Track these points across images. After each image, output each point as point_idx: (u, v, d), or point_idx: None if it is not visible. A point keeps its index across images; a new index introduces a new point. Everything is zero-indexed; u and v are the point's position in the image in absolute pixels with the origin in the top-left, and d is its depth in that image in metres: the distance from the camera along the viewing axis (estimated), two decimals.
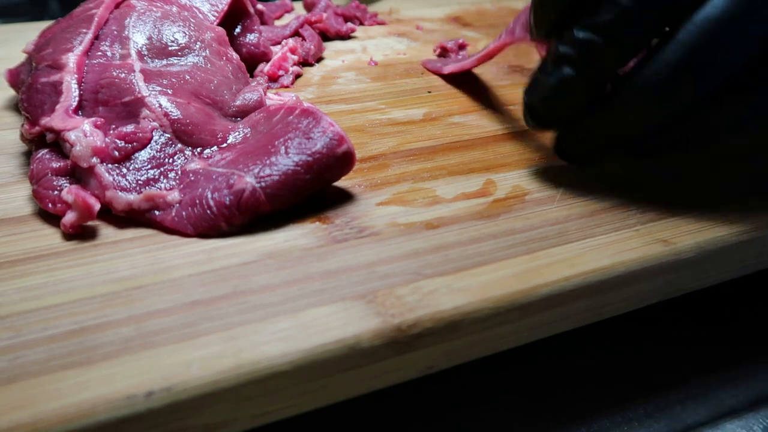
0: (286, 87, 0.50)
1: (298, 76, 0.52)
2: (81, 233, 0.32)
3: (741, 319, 0.40)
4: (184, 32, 0.41)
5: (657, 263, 0.32)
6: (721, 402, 0.35)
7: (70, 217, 0.31)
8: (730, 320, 0.40)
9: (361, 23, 0.66)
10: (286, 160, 0.33)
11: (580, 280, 0.30)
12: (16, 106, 0.46)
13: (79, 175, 0.34)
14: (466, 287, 0.29)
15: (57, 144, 0.35)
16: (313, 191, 0.34)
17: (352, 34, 0.63)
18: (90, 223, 0.32)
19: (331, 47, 0.60)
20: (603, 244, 0.32)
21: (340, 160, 0.34)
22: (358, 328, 0.26)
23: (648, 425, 0.33)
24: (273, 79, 0.50)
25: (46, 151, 0.35)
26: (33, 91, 0.37)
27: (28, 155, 0.39)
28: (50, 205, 0.33)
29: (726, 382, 0.36)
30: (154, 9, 0.42)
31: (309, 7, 0.64)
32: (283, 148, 0.34)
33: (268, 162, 0.33)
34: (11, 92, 0.47)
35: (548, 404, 0.34)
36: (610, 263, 0.31)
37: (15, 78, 0.44)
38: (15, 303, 0.27)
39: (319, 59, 0.57)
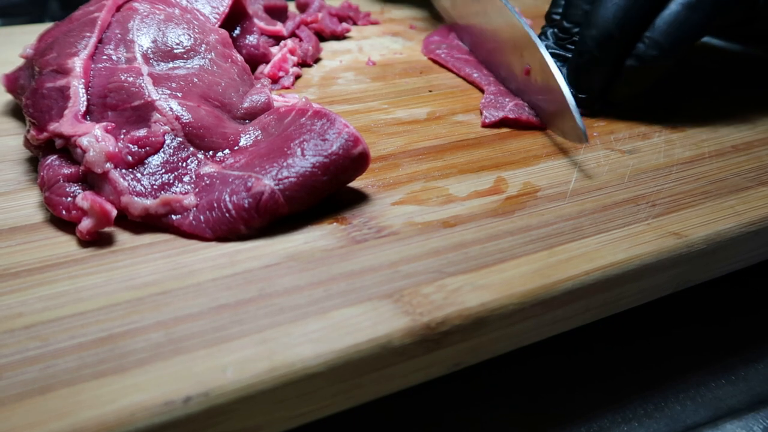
0: (287, 88, 0.50)
1: (297, 77, 0.52)
2: (97, 240, 0.32)
3: (741, 319, 0.41)
4: (189, 35, 0.41)
5: (670, 255, 0.32)
6: (721, 402, 0.36)
7: (86, 224, 0.31)
8: (729, 321, 0.41)
9: (355, 23, 0.66)
10: (303, 161, 0.33)
11: (599, 274, 0.31)
12: (13, 112, 0.45)
13: (92, 181, 0.33)
14: (490, 284, 0.29)
15: (66, 150, 0.35)
16: (330, 192, 0.34)
17: (347, 35, 0.63)
18: (105, 229, 0.32)
19: (327, 48, 0.60)
20: (617, 239, 0.33)
21: (355, 161, 0.34)
22: (388, 327, 0.27)
23: (648, 425, 0.34)
24: (273, 80, 0.50)
25: (55, 157, 0.35)
26: (39, 97, 0.36)
27: (32, 161, 0.39)
28: (64, 212, 0.32)
29: (726, 382, 0.37)
30: (157, 12, 0.41)
31: (302, 8, 0.64)
32: (299, 149, 0.34)
33: (284, 164, 0.33)
34: (7, 98, 0.46)
35: (548, 404, 0.35)
36: (627, 257, 0.32)
37: (13, 83, 0.43)
38: (38, 312, 0.27)
39: (317, 60, 0.56)
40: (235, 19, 0.50)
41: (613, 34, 0.43)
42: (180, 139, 0.35)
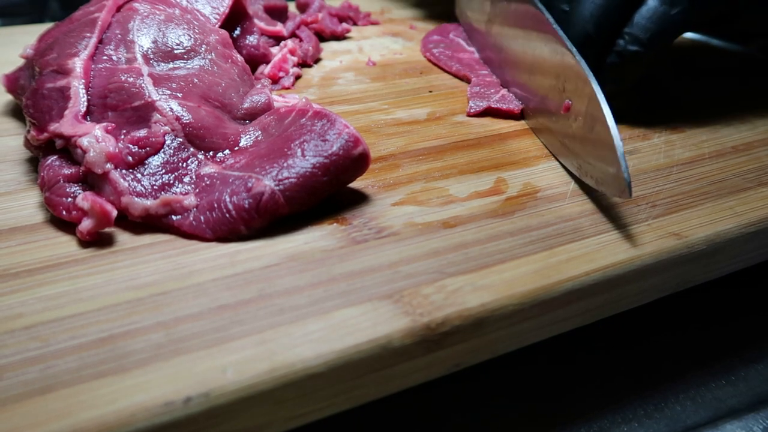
0: (287, 89, 0.50)
1: (297, 77, 0.52)
2: (97, 240, 0.32)
3: (740, 320, 0.41)
4: (189, 35, 0.41)
5: (670, 256, 0.32)
6: (720, 402, 0.36)
7: (86, 224, 0.31)
8: (729, 321, 0.41)
9: (355, 23, 0.66)
10: (303, 162, 0.33)
11: (599, 274, 0.31)
12: (13, 112, 0.45)
13: (92, 181, 0.33)
14: (490, 284, 0.29)
15: (66, 150, 0.35)
16: (330, 193, 0.34)
17: (347, 35, 0.63)
18: (105, 229, 0.32)
19: (327, 48, 0.60)
20: (617, 239, 0.33)
21: (356, 161, 0.34)
22: (388, 327, 0.27)
23: (648, 425, 0.34)
24: (274, 80, 0.50)
25: (55, 157, 0.35)
26: (39, 97, 0.36)
27: (32, 162, 0.39)
28: (64, 212, 0.32)
29: (726, 382, 0.37)
30: (157, 12, 0.41)
31: (302, 8, 0.64)
32: (299, 150, 0.34)
33: (285, 165, 0.33)
34: (7, 98, 0.46)
35: (548, 405, 0.35)
36: (627, 257, 0.32)
37: (13, 83, 0.43)
38: (39, 312, 0.27)
39: (317, 60, 0.56)
40: (235, 19, 0.50)
41: (590, 32, 0.43)
42: (180, 139, 0.35)
